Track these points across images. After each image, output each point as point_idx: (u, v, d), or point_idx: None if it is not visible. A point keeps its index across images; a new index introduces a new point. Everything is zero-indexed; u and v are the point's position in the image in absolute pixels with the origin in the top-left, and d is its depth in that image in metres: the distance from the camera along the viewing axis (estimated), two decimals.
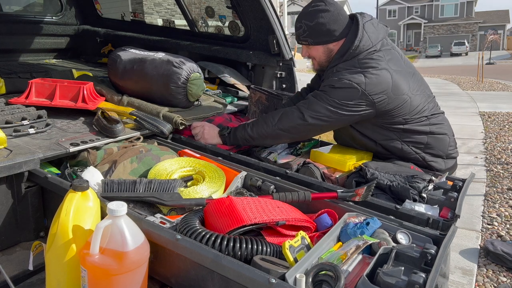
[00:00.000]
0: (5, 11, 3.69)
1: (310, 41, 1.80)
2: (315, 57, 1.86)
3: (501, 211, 3.58)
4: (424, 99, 1.81)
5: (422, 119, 1.78)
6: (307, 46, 1.84)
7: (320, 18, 1.74)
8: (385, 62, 1.71)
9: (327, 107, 1.70)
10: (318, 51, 1.82)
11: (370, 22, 1.78)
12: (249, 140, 1.85)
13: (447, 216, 1.32)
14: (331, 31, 1.75)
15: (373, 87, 1.66)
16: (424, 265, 1.02)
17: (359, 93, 1.66)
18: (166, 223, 1.21)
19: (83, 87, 1.92)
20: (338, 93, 1.68)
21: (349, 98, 1.67)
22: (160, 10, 12.27)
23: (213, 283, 1.01)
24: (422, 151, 1.82)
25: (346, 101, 1.68)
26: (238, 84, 2.63)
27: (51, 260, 1.05)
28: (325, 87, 1.74)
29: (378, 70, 1.68)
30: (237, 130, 1.87)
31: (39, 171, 1.39)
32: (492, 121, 7.38)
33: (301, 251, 1.04)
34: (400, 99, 1.71)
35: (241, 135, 1.85)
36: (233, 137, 1.87)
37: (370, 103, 1.68)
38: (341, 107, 1.69)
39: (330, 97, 1.70)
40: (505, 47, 42.19)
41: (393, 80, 1.69)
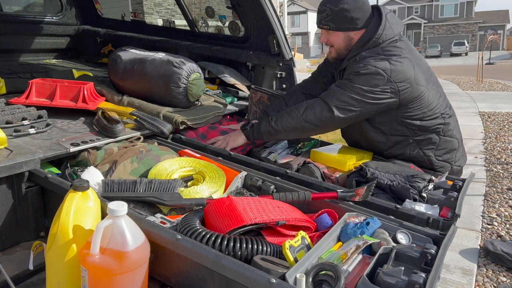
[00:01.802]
0: (5, 11, 3.69)
1: (332, 26, 1.77)
2: (334, 44, 1.83)
3: (501, 211, 3.58)
4: (438, 95, 1.81)
5: (436, 115, 1.78)
6: (327, 32, 1.82)
7: (345, 4, 1.73)
8: (407, 51, 1.72)
9: (352, 96, 1.68)
10: (338, 38, 1.80)
11: (391, 14, 1.80)
12: (273, 134, 1.81)
13: (447, 216, 1.32)
14: (354, 19, 1.75)
15: (398, 74, 1.66)
16: (424, 265, 1.02)
17: (385, 80, 1.65)
18: (166, 223, 1.21)
19: (83, 87, 1.92)
20: (363, 80, 1.66)
21: (375, 84, 1.66)
22: (160, 10, 12.27)
23: (213, 283, 1.01)
24: (432, 153, 1.82)
25: (371, 87, 1.66)
26: (238, 84, 2.63)
27: (52, 260, 1.05)
28: (350, 75, 1.72)
29: (402, 58, 1.69)
30: (261, 124, 1.84)
31: (40, 171, 1.39)
32: (492, 121, 7.38)
33: (301, 251, 1.04)
34: (420, 90, 1.72)
35: (265, 129, 1.82)
36: (257, 131, 1.85)
37: (395, 90, 1.67)
38: (367, 94, 1.66)
39: (355, 84, 1.67)
40: (505, 47, 42.20)
41: (415, 69, 1.71)
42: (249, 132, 1.87)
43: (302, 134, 1.88)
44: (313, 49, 45.46)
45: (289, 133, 1.82)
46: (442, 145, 1.82)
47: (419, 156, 1.82)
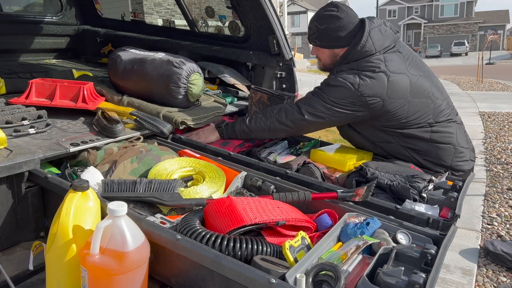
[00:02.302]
0: (5, 11, 3.69)
1: (317, 43, 1.88)
2: (320, 58, 1.95)
3: (501, 211, 3.58)
4: (430, 105, 1.79)
5: (422, 124, 1.78)
6: (315, 47, 1.93)
7: (330, 24, 1.80)
8: (383, 65, 1.72)
9: (322, 104, 1.77)
10: (324, 54, 1.90)
11: (377, 28, 1.79)
12: (247, 133, 1.90)
13: (447, 216, 1.32)
14: (338, 37, 1.81)
15: (366, 89, 1.70)
16: (424, 265, 1.02)
17: (352, 93, 1.71)
18: (166, 223, 1.21)
19: (83, 87, 1.92)
20: (332, 91, 1.76)
21: (342, 96, 1.73)
22: (160, 10, 12.27)
23: (213, 283, 1.01)
24: (421, 158, 1.82)
25: (339, 99, 1.74)
26: (238, 84, 2.63)
27: (51, 260, 1.05)
28: (322, 85, 1.82)
29: (375, 73, 1.71)
30: (235, 123, 1.93)
31: (39, 171, 1.39)
32: (492, 121, 7.38)
33: (301, 251, 1.04)
34: (396, 103, 1.73)
35: (239, 127, 1.91)
36: (231, 130, 1.93)
37: (364, 104, 1.72)
38: (335, 104, 1.75)
39: (325, 94, 1.77)
40: (505, 47, 42.20)
41: (390, 83, 1.70)
42: (223, 130, 1.94)
43: (275, 134, 1.94)
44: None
45: (262, 133, 1.90)
46: (433, 152, 1.81)
47: (410, 160, 1.84)
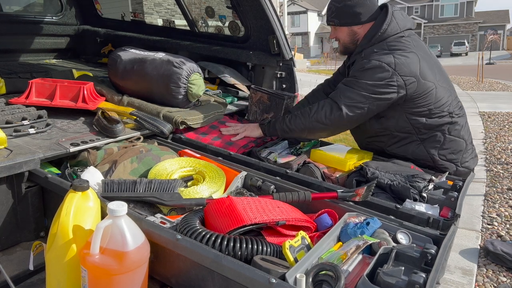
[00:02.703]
0: (5, 11, 3.69)
1: (336, 22, 1.88)
2: (340, 39, 1.93)
3: (501, 211, 3.58)
4: (448, 94, 1.83)
5: (444, 114, 1.80)
6: (334, 27, 1.93)
7: (348, 1, 1.82)
8: (413, 46, 1.76)
9: (359, 92, 1.72)
10: (343, 33, 1.90)
11: (399, 11, 1.84)
12: (287, 132, 1.88)
13: (447, 216, 1.32)
14: (356, 13, 1.82)
15: (402, 68, 1.69)
16: (424, 265, 1.02)
17: (390, 73, 1.68)
18: (166, 223, 1.21)
19: (83, 87, 1.92)
20: (368, 75, 1.71)
21: (380, 78, 1.69)
22: (160, 10, 12.27)
23: (213, 283, 1.01)
24: (436, 152, 1.82)
25: (377, 81, 1.69)
26: (238, 84, 2.63)
27: (51, 260, 1.05)
28: (355, 72, 1.77)
29: (407, 52, 1.73)
30: (276, 121, 1.91)
31: (40, 171, 1.39)
32: (492, 121, 7.38)
33: (301, 251, 1.04)
34: (427, 85, 1.74)
35: (280, 126, 1.89)
36: (272, 128, 1.92)
37: (401, 84, 1.70)
38: (373, 89, 1.70)
39: (361, 80, 1.72)
40: (505, 47, 42.20)
41: (421, 65, 1.74)
42: (265, 127, 1.93)
43: (314, 134, 1.90)
44: (313, 49, 45.45)
45: (302, 133, 1.87)
46: (447, 145, 1.82)
47: (422, 154, 1.83)
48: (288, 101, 2.32)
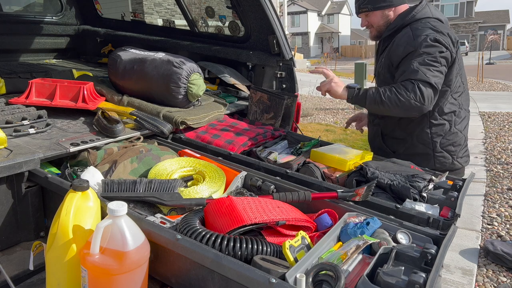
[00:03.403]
0: (5, 11, 3.69)
1: (370, 7, 1.97)
2: (373, 24, 2.02)
3: (501, 211, 3.58)
4: (464, 85, 1.98)
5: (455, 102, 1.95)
6: (365, 15, 2.02)
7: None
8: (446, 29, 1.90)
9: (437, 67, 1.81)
10: (376, 17, 2.00)
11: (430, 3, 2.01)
12: (377, 103, 1.85)
13: (447, 216, 1.32)
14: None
15: (449, 42, 1.84)
16: (424, 265, 1.02)
17: (445, 47, 1.83)
18: (166, 223, 1.21)
19: (83, 87, 1.92)
20: (433, 49, 1.82)
21: (441, 50, 1.82)
22: (160, 10, 12.27)
23: (213, 283, 1.01)
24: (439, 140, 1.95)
25: (440, 54, 1.81)
26: (238, 84, 2.63)
27: (52, 260, 1.05)
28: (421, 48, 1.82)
29: (446, 31, 1.87)
30: (369, 89, 1.89)
31: (39, 171, 1.39)
32: (492, 121, 7.38)
33: (301, 251, 1.04)
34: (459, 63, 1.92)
35: (372, 95, 1.85)
36: (362, 96, 1.88)
37: (453, 57, 1.86)
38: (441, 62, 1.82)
39: (431, 56, 1.81)
40: (505, 47, 42.18)
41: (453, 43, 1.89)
42: (354, 92, 1.90)
43: (405, 113, 1.89)
44: (313, 49, 45.46)
45: (394, 109, 1.85)
46: (450, 136, 1.95)
47: (425, 139, 1.96)
48: (288, 101, 2.33)
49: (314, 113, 9.15)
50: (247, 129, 2.05)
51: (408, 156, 1.93)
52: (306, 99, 10.26)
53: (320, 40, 47.23)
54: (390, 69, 1.97)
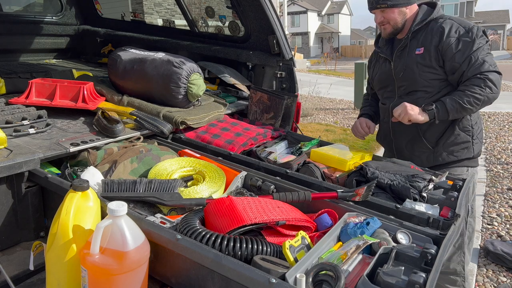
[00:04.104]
0: (5, 11, 3.69)
1: (389, 3, 1.95)
2: (390, 20, 2.00)
3: (501, 211, 3.58)
4: None
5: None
6: (382, 11, 1.99)
7: None
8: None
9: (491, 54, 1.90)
10: (394, 13, 1.98)
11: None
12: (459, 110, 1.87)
13: (447, 216, 1.32)
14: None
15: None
16: (424, 265, 1.02)
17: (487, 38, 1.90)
18: (166, 223, 1.21)
19: (83, 87, 1.92)
20: (483, 39, 1.88)
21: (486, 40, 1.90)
22: (160, 10, 12.26)
23: (213, 283, 1.01)
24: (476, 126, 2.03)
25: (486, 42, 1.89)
26: (238, 84, 2.63)
27: (52, 260, 1.05)
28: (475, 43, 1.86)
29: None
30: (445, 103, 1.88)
31: (39, 171, 1.39)
32: (492, 121, 7.38)
33: (301, 251, 1.04)
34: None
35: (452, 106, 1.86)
36: (443, 111, 1.88)
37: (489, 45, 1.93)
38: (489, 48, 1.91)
39: (486, 45, 1.88)
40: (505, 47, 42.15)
41: None
42: (435, 111, 1.88)
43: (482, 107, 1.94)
44: (313, 49, 45.45)
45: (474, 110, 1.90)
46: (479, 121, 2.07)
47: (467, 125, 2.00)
48: (288, 101, 2.33)
49: (314, 113, 9.15)
50: (247, 129, 2.05)
51: (449, 146, 2.00)
52: (306, 99, 10.26)
53: (320, 40, 47.22)
54: (431, 61, 1.94)
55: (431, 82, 1.97)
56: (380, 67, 2.17)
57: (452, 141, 2.01)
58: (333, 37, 47.11)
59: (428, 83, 1.97)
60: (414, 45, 1.99)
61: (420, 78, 1.98)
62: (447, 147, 2.02)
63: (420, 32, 1.99)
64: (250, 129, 2.05)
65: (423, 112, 1.90)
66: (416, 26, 1.98)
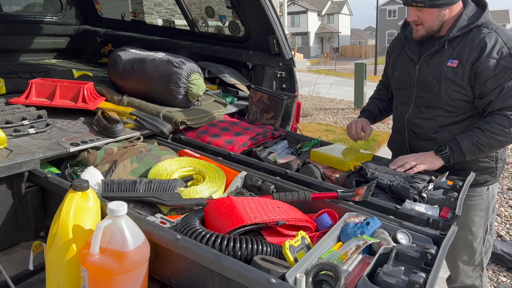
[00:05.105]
0: (5, 11, 3.69)
1: (428, 3, 1.68)
2: (424, 22, 1.73)
3: (501, 211, 3.58)
4: None
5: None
6: (418, 9, 1.72)
7: None
8: None
9: None
10: (431, 15, 1.71)
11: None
12: (476, 153, 1.69)
13: (447, 216, 1.32)
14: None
15: None
16: (424, 265, 1.02)
17: None
18: (166, 223, 1.21)
19: (83, 87, 1.92)
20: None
21: None
22: (160, 10, 12.26)
23: (213, 283, 1.01)
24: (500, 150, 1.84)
25: None
26: (238, 84, 2.63)
27: (51, 260, 1.05)
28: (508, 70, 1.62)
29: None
30: (461, 144, 1.68)
31: (39, 171, 1.39)
32: None
33: (301, 251, 1.04)
34: None
35: (468, 149, 1.67)
36: (458, 154, 1.68)
37: None
38: None
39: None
40: None
41: None
42: (449, 155, 1.68)
43: (505, 146, 1.78)
44: (313, 49, 45.46)
45: (494, 151, 1.75)
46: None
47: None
48: (288, 101, 2.33)
49: (314, 113, 9.16)
50: (247, 129, 2.05)
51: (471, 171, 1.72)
52: (306, 99, 10.27)
53: (320, 40, 47.23)
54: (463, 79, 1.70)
55: (457, 103, 1.75)
56: (403, 63, 1.91)
57: (475, 168, 1.80)
58: (333, 37, 47.13)
59: (453, 102, 1.75)
60: (448, 54, 1.73)
61: (446, 96, 1.74)
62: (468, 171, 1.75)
63: (458, 39, 1.73)
64: (250, 129, 2.05)
65: (436, 157, 1.69)
66: (457, 32, 1.71)
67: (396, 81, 1.97)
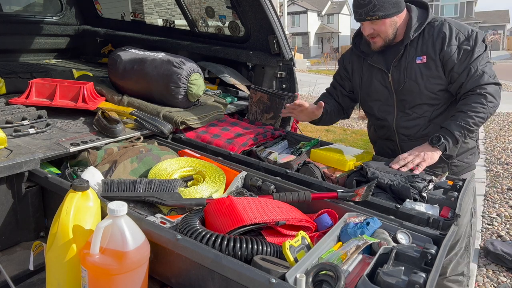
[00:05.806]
0: (5, 11, 3.69)
1: (380, 15, 1.76)
2: (381, 33, 1.82)
3: (501, 211, 3.58)
4: None
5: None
6: (372, 22, 1.80)
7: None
8: None
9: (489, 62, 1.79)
10: (385, 25, 1.80)
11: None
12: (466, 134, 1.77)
13: (447, 216, 1.32)
14: (398, 2, 1.79)
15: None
16: (424, 265, 1.02)
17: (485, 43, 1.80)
18: (166, 223, 1.21)
19: (83, 87, 1.92)
20: (482, 47, 1.77)
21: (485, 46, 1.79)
22: (160, 10, 12.26)
23: (213, 283, 1.01)
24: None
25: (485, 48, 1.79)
26: (238, 84, 2.63)
27: (52, 260, 1.05)
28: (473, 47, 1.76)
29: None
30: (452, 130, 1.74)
31: (40, 171, 1.39)
32: (492, 121, 7.37)
33: (301, 251, 1.04)
34: None
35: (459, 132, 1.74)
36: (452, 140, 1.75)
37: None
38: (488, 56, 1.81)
39: (485, 51, 1.78)
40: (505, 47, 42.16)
41: None
42: (445, 145, 1.74)
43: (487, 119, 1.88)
44: (313, 49, 45.45)
45: (479, 126, 1.82)
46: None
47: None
48: (288, 101, 2.33)
49: None
50: (247, 129, 2.05)
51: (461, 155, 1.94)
52: (306, 99, 10.27)
53: (320, 40, 47.22)
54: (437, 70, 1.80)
55: (439, 94, 1.84)
56: (372, 76, 1.97)
57: (463, 150, 1.94)
58: (333, 37, 47.11)
59: (435, 95, 1.85)
60: (413, 54, 1.83)
61: (426, 91, 1.84)
62: (459, 156, 1.95)
63: (416, 38, 1.83)
64: (250, 129, 2.05)
65: (433, 149, 1.74)
66: (414, 33, 1.81)
67: (373, 94, 2.00)
